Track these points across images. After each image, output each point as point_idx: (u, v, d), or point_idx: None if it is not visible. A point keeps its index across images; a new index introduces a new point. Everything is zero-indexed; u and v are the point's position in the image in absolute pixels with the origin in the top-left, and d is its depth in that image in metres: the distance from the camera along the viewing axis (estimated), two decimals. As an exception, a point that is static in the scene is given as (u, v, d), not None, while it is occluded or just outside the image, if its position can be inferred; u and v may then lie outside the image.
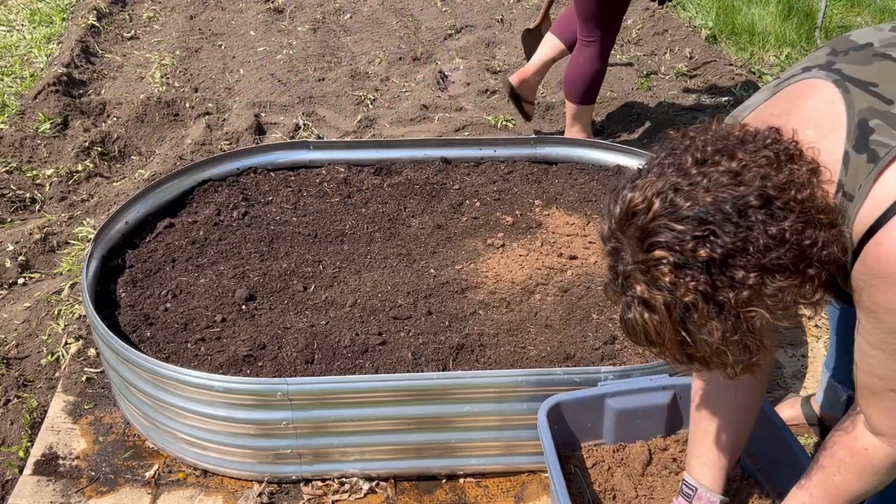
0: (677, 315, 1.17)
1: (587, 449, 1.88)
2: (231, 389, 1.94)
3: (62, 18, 5.40)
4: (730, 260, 1.13)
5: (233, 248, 2.69)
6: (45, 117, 3.90)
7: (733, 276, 1.14)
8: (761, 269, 1.14)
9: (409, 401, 1.99)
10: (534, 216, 2.87)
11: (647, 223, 1.17)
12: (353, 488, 2.09)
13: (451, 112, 4.14)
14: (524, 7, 5.59)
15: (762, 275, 1.14)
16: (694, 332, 1.17)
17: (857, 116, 1.21)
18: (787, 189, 1.15)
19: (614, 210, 1.22)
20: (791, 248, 1.14)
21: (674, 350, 1.22)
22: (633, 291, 1.20)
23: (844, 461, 1.35)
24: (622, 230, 1.21)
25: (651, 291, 1.17)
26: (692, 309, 1.15)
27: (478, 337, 2.27)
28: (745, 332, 1.17)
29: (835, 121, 1.23)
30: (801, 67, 1.36)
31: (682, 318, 1.17)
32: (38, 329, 2.68)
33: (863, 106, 1.21)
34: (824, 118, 1.24)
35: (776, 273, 1.14)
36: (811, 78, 1.31)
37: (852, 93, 1.24)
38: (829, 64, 1.31)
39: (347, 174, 3.12)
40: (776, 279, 1.14)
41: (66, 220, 3.26)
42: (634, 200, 1.19)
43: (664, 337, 1.20)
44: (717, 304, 1.15)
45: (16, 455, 2.24)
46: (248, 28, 5.35)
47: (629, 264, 1.20)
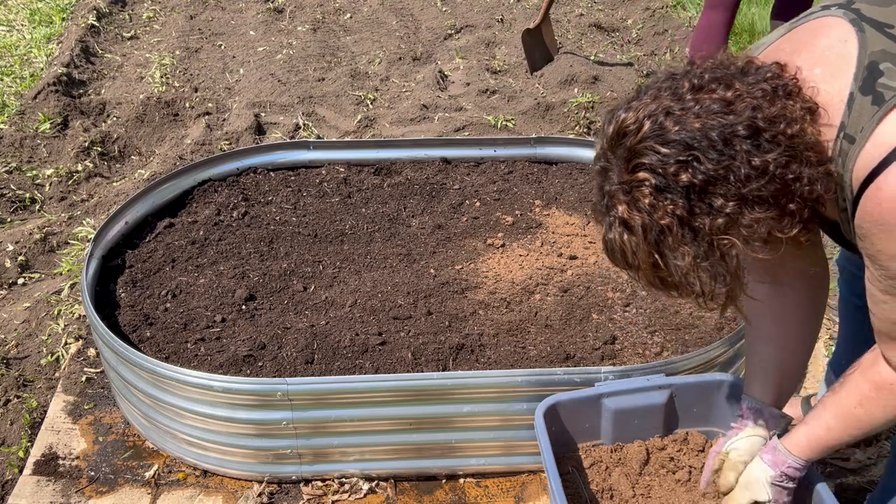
0: (653, 237, 1.19)
1: (585, 449, 1.88)
2: (231, 389, 1.95)
3: (62, 18, 5.40)
4: (710, 187, 1.15)
5: (233, 248, 2.69)
6: (45, 117, 3.90)
7: (711, 203, 1.15)
8: (740, 199, 1.15)
9: (409, 401, 1.99)
10: (534, 216, 2.87)
11: (634, 144, 1.18)
12: (353, 488, 2.09)
13: (451, 112, 4.14)
14: (524, 7, 5.59)
15: (740, 205, 1.15)
16: (667, 255, 1.20)
17: (868, 58, 1.20)
18: (777, 122, 1.16)
19: (607, 130, 1.24)
20: (773, 181, 1.15)
21: (647, 273, 1.24)
22: (616, 211, 1.22)
23: (869, 395, 1.34)
24: (612, 150, 1.23)
25: (631, 212, 1.20)
26: (667, 232, 1.18)
27: (478, 337, 2.27)
28: (717, 259, 1.19)
29: (844, 61, 1.22)
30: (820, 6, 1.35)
31: (656, 240, 1.19)
32: (38, 329, 2.68)
33: (876, 48, 1.20)
34: (834, 58, 1.24)
35: (755, 205, 1.16)
36: (828, 16, 1.30)
37: (867, 33, 1.22)
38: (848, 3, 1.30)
39: (347, 174, 3.12)
40: (754, 210, 1.16)
41: (66, 220, 3.26)
42: (627, 121, 1.21)
43: (639, 259, 1.23)
44: (692, 230, 1.17)
45: (16, 455, 2.24)
46: (248, 28, 5.35)
47: (614, 184, 1.22)
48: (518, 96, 4.29)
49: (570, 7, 5.58)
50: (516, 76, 4.59)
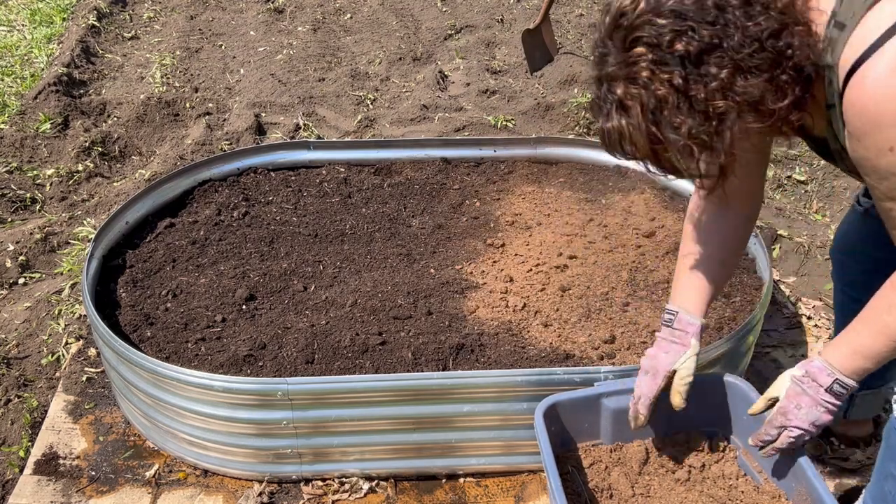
0: (650, 110, 1.21)
1: (584, 449, 1.89)
2: (231, 389, 1.95)
3: (62, 18, 5.41)
4: (704, 56, 1.17)
5: (233, 248, 2.70)
6: (46, 117, 3.90)
7: (706, 71, 1.18)
8: (734, 67, 1.17)
9: (409, 401, 1.99)
10: (533, 216, 2.87)
11: (632, 21, 1.21)
12: (353, 488, 2.10)
13: (451, 112, 4.14)
14: (524, 7, 5.59)
15: (734, 72, 1.17)
16: (664, 127, 1.22)
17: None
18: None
19: (605, 19, 1.26)
20: (764, 49, 1.17)
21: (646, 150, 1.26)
22: (614, 94, 1.24)
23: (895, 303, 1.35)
24: (610, 36, 1.25)
25: (628, 88, 1.22)
26: (664, 103, 1.20)
27: (478, 337, 2.28)
28: (712, 130, 1.21)
29: None
30: None
31: (653, 113, 1.21)
32: (38, 329, 2.69)
33: None
34: None
35: (748, 73, 1.18)
36: None
37: None
38: None
39: (347, 174, 3.13)
40: (747, 78, 1.18)
41: (67, 220, 3.27)
42: (624, 2, 1.23)
43: (637, 141, 1.25)
44: (688, 99, 1.19)
45: (16, 455, 2.24)
46: (249, 28, 5.35)
47: (612, 66, 1.24)
48: (518, 96, 4.30)
49: (570, 7, 5.59)
50: (516, 76, 4.60)
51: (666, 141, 1.23)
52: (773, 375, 2.48)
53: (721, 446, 1.88)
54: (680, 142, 1.22)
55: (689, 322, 1.69)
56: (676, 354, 1.69)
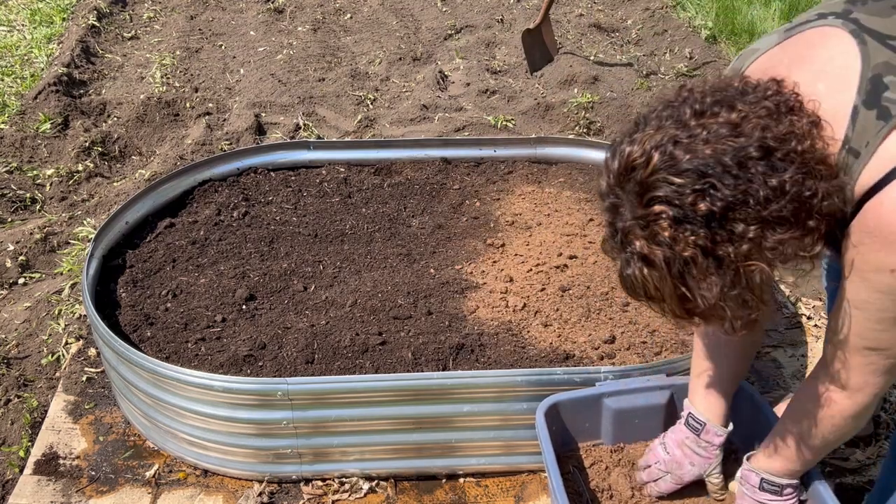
0: (676, 270, 1.16)
1: (585, 449, 1.89)
2: (231, 389, 1.95)
3: (62, 18, 5.41)
4: (730, 213, 1.12)
5: (233, 248, 2.70)
6: (46, 117, 3.90)
7: (733, 229, 1.13)
8: (761, 222, 1.12)
9: (409, 401, 1.99)
10: (534, 216, 2.87)
11: (646, 177, 1.16)
12: (353, 488, 2.10)
13: (451, 112, 4.14)
14: (524, 7, 5.59)
15: (762, 228, 1.12)
16: (693, 287, 1.17)
17: (872, 71, 1.19)
18: (788, 140, 1.14)
19: (613, 165, 1.21)
20: (791, 200, 1.12)
21: (673, 306, 1.22)
22: (633, 247, 1.19)
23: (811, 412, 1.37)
24: (621, 185, 1.20)
25: (651, 247, 1.16)
26: (691, 264, 1.15)
27: (478, 337, 2.28)
28: (744, 287, 1.16)
29: (848, 74, 1.21)
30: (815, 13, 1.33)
31: (681, 272, 1.16)
32: (38, 329, 2.69)
33: (879, 60, 1.19)
34: (837, 71, 1.22)
35: (776, 226, 1.13)
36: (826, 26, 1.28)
37: (869, 45, 1.21)
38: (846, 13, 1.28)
39: (347, 174, 3.13)
40: (776, 232, 1.13)
41: (67, 220, 3.26)
42: (633, 155, 1.18)
43: (664, 292, 1.20)
44: (717, 259, 1.14)
45: (16, 455, 2.24)
46: (249, 28, 5.35)
47: (628, 220, 1.19)
48: (518, 96, 4.30)
49: (570, 7, 5.59)
50: (516, 76, 4.60)
51: (696, 298, 1.18)
52: (773, 375, 2.49)
53: (721, 447, 1.87)
54: (711, 301, 1.17)
55: (716, 433, 1.69)
56: (702, 467, 1.72)
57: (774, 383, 2.47)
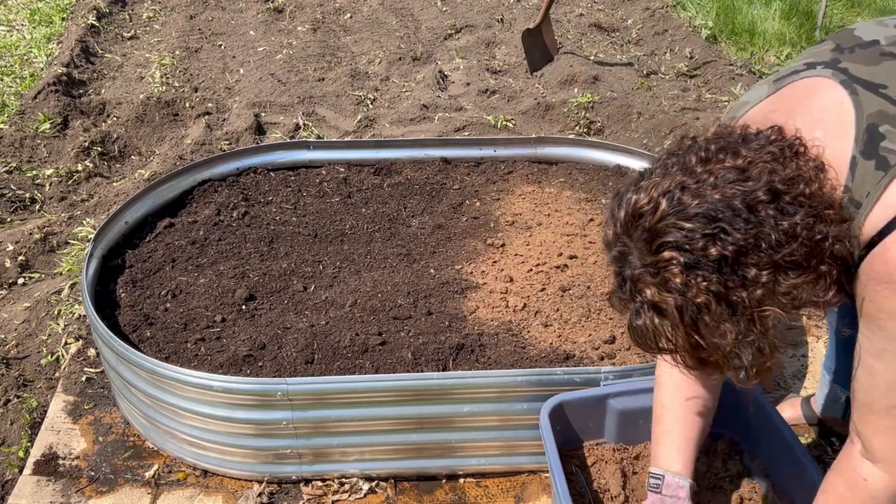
0: (689, 318, 1.14)
1: (588, 448, 1.88)
2: (231, 389, 1.94)
3: (62, 18, 5.40)
4: (741, 258, 1.10)
5: (233, 248, 2.69)
6: (45, 117, 3.90)
7: (745, 274, 1.11)
8: (774, 267, 1.10)
9: (409, 401, 1.98)
10: (534, 216, 2.87)
11: (654, 224, 1.14)
12: (353, 488, 2.09)
13: (451, 112, 4.14)
14: (524, 7, 5.59)
15: (775, 272, 1.11)
16: (707, 335, 1.14)
17: (866, 121, 1.18)
18: (796, 183, 1.13)
19: (619, 214, 1.19)
20: (803, 244, 1.11)
21: (686, 355, 1.19)
22: (643, 296, 1.16)
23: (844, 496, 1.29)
24: (628, 233, 1.18)
25: (662, 294, 1.14)
26: (704, 310, 1.12)
27: (478, 337, 2.27)
28: (758, 333, 1.14)
29: (843, 123, 1.20)
30: (803, 63, 1.32)
31: (693, 320, 1.14)
32: (37, 329, 2.68)
33: (872, 110, 1.19)
34: (832, 120, 1.21)
35: (789, 270, 1.11)
36: (816, 76, 1.28)
37: (860, 95, 1.21)
38: (834, 62, 1.27)
39: (347, 174, 3.12)
40: (789, 276, 1.11)
41: (66, 220, 3.26)
42: (640, 202, 1.16)
43: (676, 342, 1.17)
44: (730, 305, 1.12)
45: (16, 455, 2.23)
46: (248, 28, 5.35)
47: (637, 268, 1.16)
48: (518, 96, 4.30)
49: (570, 7, 5.58)
50: (516, 76, 4.59)
51: (710, 346, 1.15)
52: (773, 375, 2.48)
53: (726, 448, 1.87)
54: (726, 347, 1.14)
55: (678, 485, 1.56)
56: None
57: (775, 384, 2.47)
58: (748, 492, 1.79)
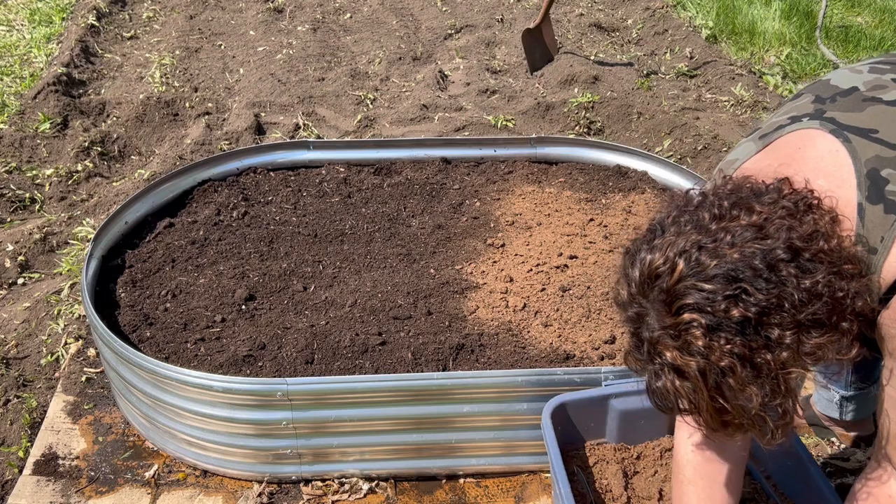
0: (713, 381, 1.10)
1: (590, 448, 1.88)
2: (231, 389, 1.94)
3: (62, 18, 5.40)
4: (764, 318, 1.07)
5: (233, 248, 2.69)
6: (45, 117, 3.90)
7: (769, 335, 1.08)
8: (797, 326, 1.08)
9: (409, 401, 1.98)
10: (534, 216, 2.87)
11: (672, 285, 1.11)
12: (353, 488, 2.09)
13: (451, 112, 4.14)
14: (524, 7, 5.59)
15: (798, 332, 1.08)
16: (731, 397, 1.11)
17: (865, 167, 1.17)
18: (814, 240, 1.11)
19: (633, 274, 1.16)
20: (825, 302, 1.08)
21: (709, 418, 1.16)
22: (664, 358, 1.13)
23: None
24: (644, 294, 1.15)
25: (684, 357, 1.11)
26: (729, 373, 1.09)
27: (478, 337, 2.27)
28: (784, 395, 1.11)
29: (842, 171, 1.19)
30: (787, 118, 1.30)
31: (717, 383, 1.11)
32: (37, 329, 2.68)
33: (869, 155, 1.17)
34: (832, 168, 1.20)
35: (812, 329, 1.09)
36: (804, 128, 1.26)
37: (854, 142, 1.20)
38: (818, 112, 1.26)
39: (347, 174, 3.12)
40: (812, 335, 1.09)
41: (66, 220, 3.26)
42: (656, 262, 1.13)
43: (699, 405, 1.14)
44: (755, 367, 1.09)
45: (15, 455, 2.23)
46: (248, 28, 5.35)
47: (656, 330, 1.13)
48: (518, 96, 4.30)
49: (570, 7, 5.58)
50: (516, 76, 4.59)
51: (734, 409, 1.12)
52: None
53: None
54: (752, 411, 1.11)
55: None
56: None
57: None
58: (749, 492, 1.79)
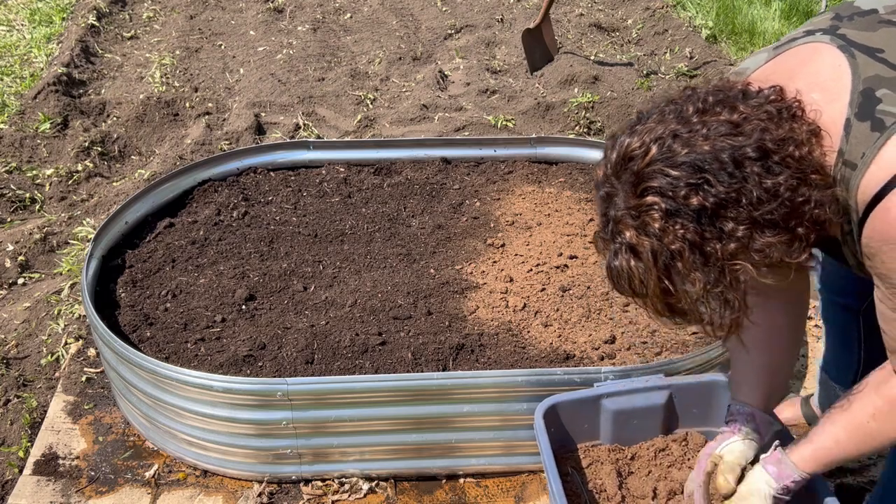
0: (662, 263, 1.17)
1: (584, 449, 1.88)
2: (231, 389, 1.95)
3: (62, 18, 5.40)
4: (721, 210, 1.13)
5: (233, 248, 2.69)
6: (45, 117, 3.90)
7: (723, 227, 1.13)
8: (751, 223, 1.13)
9: (409, 401, 1.99)
10: (534, 216, 2.87)
11: (642, 168, 1.16)
12: (353, 488, 2.09)
13: (451, 112, 4.14)
14: (524, 7, 5.59)
15: (752, 228, 1.13)
16: (677, 281, 1.17)
17: (863, 84, 1.19)
18: (786, 144, 1.15)
19: (611, 155, 1.22)
20: (783, 204, 1.13)
21: (656, 300, 1.22)
22: (623, 237, 1.19)
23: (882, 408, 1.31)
24: (617, 175, 1.20)
25: (640, 237, 1.17)
26: (678, 257, 1.15)
27: (478, 337, 2.27)
28: (727, 285, 1.17)
29: (839, 86, 1.22)
30: (803, 31, 1.34)
31: (666, 266, 1.17)
32: (37, 329, 2.68)
33: (869, 73, 1.20)
34: (830, 82, 1.23)
35: (765, 228, 1.14)
36: (815, 42, 1.29)
37: (858, 59, 1.22)
38: (833, 28, 1.29)
39: (347, 174, 3.12)
40: (765, 234, 1.14)
41: (66, 220, 3.26)
42: (632, 145, 1.18)
43: (648, 286, 1.20)
44: (703, 255, 1.15)
45: (16, 455, 2.24)
46: (248, 28, 5.35)
47: (621, 209, 1.19)
48: (518, 96, 4.30)
49: (570, 7, 5.58)
50: (516, 76, 4.59)
51: (678, 293, 1.19)
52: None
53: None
54: (694, 296, 1.18)
55: (737, 410, 1.61)
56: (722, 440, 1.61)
57: (775, 383, 2.47)
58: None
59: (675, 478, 1.81)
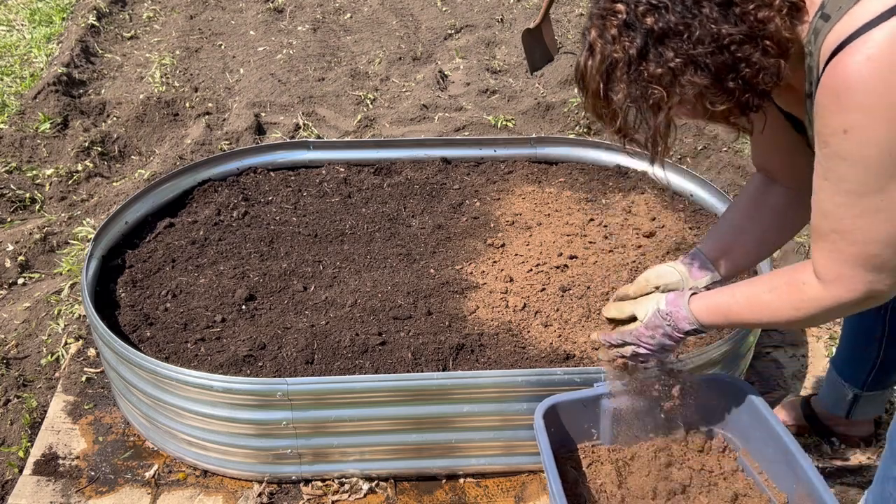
0: (605, 67, 1.28)
1: (584, 449, 1.88)
2: (231, 389, 1.95)
3: (62, 18, 5.41)
4: (666, 39, 1.22)
5: (233, 248, 2.69)
6: (45, 117, 3.90)
7: (662, 52, 1.22)
8: (686, 58, 1.21)
9: (409, 401, 1.99)
10: (534, 216, 2.87)
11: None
12: (353, 488, 2.10)
13: (451, 112, 4.14)
14: (524, 7, 5.59)
15: (685, 63, 1.22)
16: (610, 88, 1.29)
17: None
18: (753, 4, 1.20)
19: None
20: (721, 52, 1.20)
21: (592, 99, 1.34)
22: (588, 35, 1.31)
23: (779, 287, 1.41)
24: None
25: (597, 39, 1.29)
26: (615, 66, 1.27)
27: (478, 337, 2.27)
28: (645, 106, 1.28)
29: None
30: None
31: (607, 70, 1.28)
32: (37, 329, 2.68)
33: None
34: None
35: (697, 68, 1.22)
36: None
37: None
38: None
39: (347, 174, 3.12)
40: (696, 74, 1.22)
41: (66, 220, 3.26)
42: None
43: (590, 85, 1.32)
44: (637, 71, 1.25)
45: (16, 455, 2.24)
46: (248, 28, 5.35)
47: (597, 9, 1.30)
48: (518, 96, 4.30)
49: (570, 7, 5.58)
50: (516, 76, 4.59)
51: (606, 99, 1.31)
52: (773, 375, 2.49)
53: (720, 446, 1.87)
54: (615, 104, 1.30)
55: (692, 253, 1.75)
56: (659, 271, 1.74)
57: (775, 384, 2.47)
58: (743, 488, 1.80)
59: (675, 478, 1.81)
